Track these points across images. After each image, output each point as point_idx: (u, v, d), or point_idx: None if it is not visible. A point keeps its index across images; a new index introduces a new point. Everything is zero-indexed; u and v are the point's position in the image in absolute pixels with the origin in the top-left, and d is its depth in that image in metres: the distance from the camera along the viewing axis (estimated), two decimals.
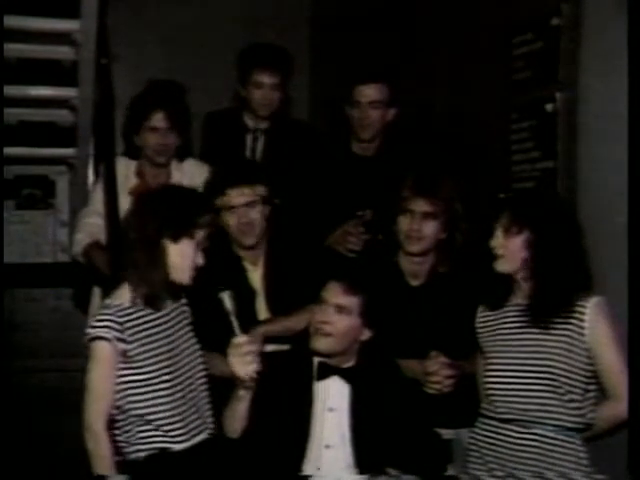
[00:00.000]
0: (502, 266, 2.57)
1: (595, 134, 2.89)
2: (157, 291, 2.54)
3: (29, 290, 4.68)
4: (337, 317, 2.62)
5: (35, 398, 4.32)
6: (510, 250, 2.54)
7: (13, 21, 3.48)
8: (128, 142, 3.52)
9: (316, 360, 2.66)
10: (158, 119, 3.40)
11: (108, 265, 3.24)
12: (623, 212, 2.63)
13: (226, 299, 2.53)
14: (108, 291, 3.03)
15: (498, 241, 2.55)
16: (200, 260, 2.57)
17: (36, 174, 4.56)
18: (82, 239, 3.43)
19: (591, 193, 2.89)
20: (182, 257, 2.54)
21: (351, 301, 2.63)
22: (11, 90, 3.68)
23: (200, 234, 2.56)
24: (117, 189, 3.41)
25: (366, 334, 2.68)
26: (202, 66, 4.92)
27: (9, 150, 3.80)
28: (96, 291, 3.55)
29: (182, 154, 3.53)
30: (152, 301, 2.54)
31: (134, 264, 2.53)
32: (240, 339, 2.51)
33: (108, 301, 2.57)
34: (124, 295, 2.55)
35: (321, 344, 2.61)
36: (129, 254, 2.55)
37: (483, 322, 2.69)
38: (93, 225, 3.45)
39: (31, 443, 4.16)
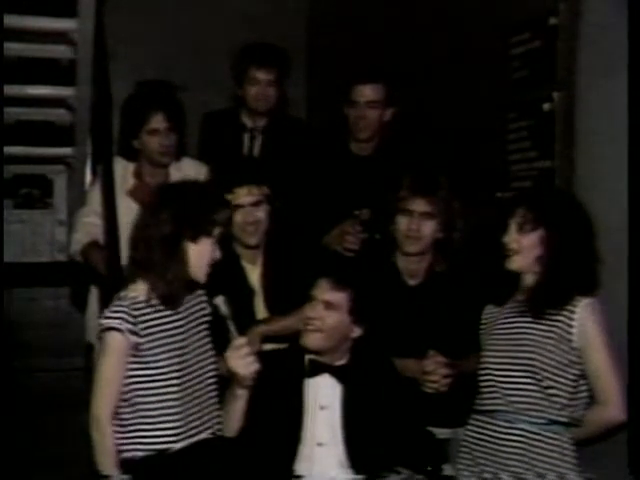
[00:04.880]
0: (514, 264, 2.56)
1: (592, 134, 2.89)
2: (175, 291, 2.52)
3: (27, 289, 4.68)
4: (325, 313, 2.62)
5: (34, 398, 4.32)
6: (524, 246, 2.52)
7: (11, 20, 3.48)
8: (125, 145, 3.50)
9: (307, 357, 2.66)
10: (158, 121, 3.37)
11: (106, 264, 3.23)
12: (621, 212, 2.63)
13: (221, 305, 2.57)
14: (106, 291, 3.04)
15: (512, 237, 2.54)
16: (217, 254, 2.56)
17: (34, 173, 4.56)
18: (80, 238, 3.43)
19: (588, 193, 2.89)
20: (201, 256, 2.53)
21: (339, 297, 2.63)
22: (9, 89, 3.68)
23: (217, 230, 2.56)
24: (115, 189, 3.41)
25: (356, 331, 2.67)
26: (202, 66, 4.93)
27: (7, 149, 3.79)
28: (94, 290, 3.54)
29: (178, 153, 3.51)
30: (169, 300, 2.53)
31: (152, 264, 2.50)
32: (240, 341, 2.52)
33: (123, 293, 2.54)
34: (140, 289, 2.53)
35: (310, 340, 2.62)
36: (145, 253, 2.51)
37: (486, 319, 2.69)
38: (91, 224, 3.44)
39: (31, 443, 4.16)
